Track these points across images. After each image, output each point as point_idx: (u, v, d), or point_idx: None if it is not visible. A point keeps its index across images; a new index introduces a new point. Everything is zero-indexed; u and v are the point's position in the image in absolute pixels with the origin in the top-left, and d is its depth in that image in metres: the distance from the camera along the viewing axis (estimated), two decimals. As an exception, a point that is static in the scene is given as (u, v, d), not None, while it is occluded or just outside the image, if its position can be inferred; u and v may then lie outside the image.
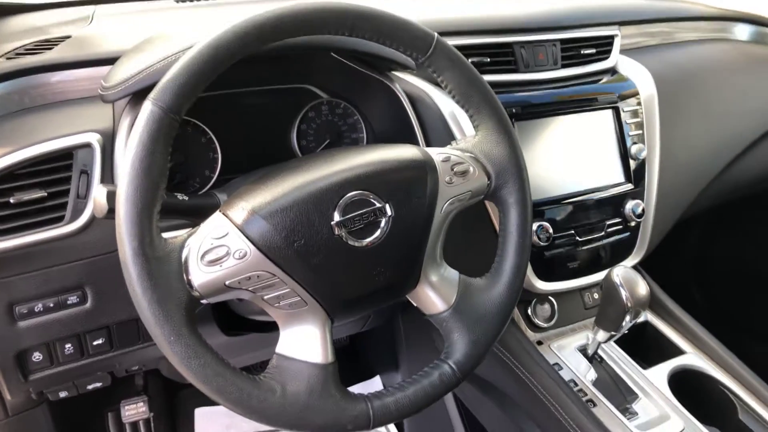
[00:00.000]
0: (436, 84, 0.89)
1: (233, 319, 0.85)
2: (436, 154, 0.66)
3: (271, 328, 0.86)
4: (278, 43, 0.59)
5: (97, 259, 0.70)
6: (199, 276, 0.55)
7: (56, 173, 0.68)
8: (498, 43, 0.93)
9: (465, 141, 0.71)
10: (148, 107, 0.53)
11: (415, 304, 0.68)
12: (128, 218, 0.52)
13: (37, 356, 0.71)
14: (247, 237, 0.56)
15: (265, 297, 0.58)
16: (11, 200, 0.65)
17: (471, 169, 0.66)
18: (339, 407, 0.59)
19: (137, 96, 0.70)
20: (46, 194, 0.67)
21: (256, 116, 0.89)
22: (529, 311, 0.96)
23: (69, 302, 0.70)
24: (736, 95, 1.24)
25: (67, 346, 0.72)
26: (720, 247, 1.68)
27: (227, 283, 0.55)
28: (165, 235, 0.55)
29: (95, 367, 0.79)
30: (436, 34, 0.65)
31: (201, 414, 1.36)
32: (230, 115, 0.86)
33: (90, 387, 0.85)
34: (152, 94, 0.54)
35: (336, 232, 0.58)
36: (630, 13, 1.18)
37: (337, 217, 0.58)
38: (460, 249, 0.72)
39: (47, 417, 1.02)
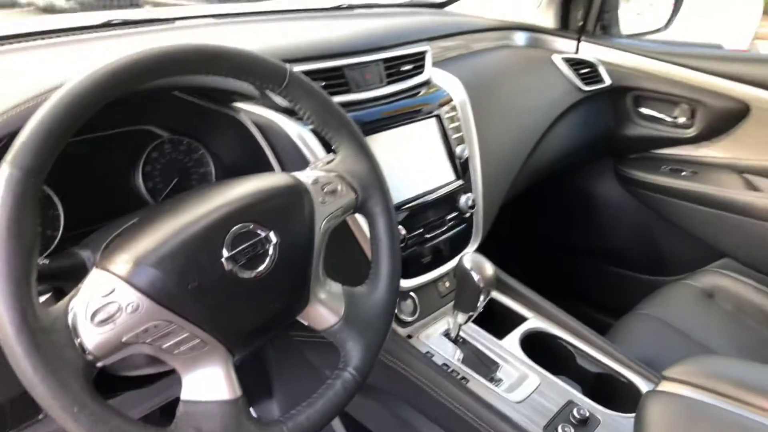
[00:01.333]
0: (281, 111, 0.92)
1: (102, 380, 0.80)
2: (305, 177, 0.70)
3: (144, 381, 0.83)
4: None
5: None
6: (92, 338, 0.52)
7: None
8: (330, 68, 0.99)
9: (326, 162, 0.75)
10: (6, 171, 0.50)
11: (306, 324, 0.71)
12: (4, 292, 0.48)
13: None
14: (136, 288, 0.55)
15: (164, 346, 0.57)
16: None
17: (339, 187, 0.71)
18: None
19: None
20: None
21: (95, 165, 0.84)
22: (395, 309, 1.03)
23: None
24: (524, 94, 1.45)
25: None
26: (528, 226, 1.94)
27: (124, 339, 0.54)
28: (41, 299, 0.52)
29: None
30: (289, 67, 0.68)
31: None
32: (67, 168, 0.80)
33: None
34: (9, 157, 0.50)
35: (227, 268, 0.59)
36: (432, 30, 1.32)
37: (225, 252, 0.59)
38: (332, 264, 0.76)
39: None
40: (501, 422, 0.87)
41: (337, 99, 0.98)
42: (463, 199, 1.10)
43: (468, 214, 1.12)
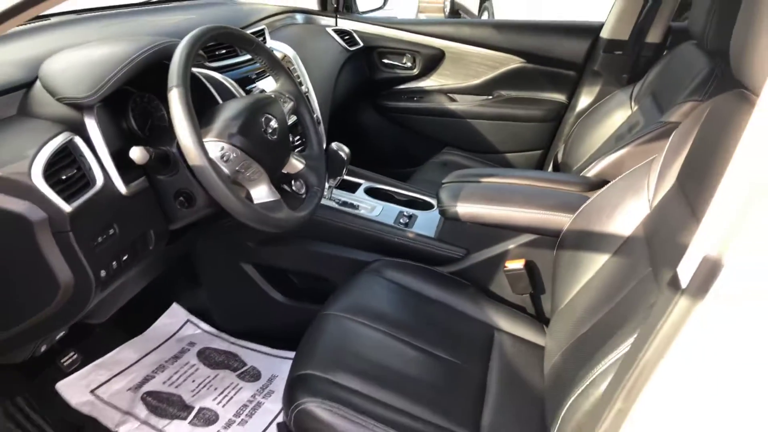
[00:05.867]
0: (211, 69, 1.47)
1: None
2: (270, 93, 1.32)
3: (174, 239, 1.35)
4: None
5: (112, 205, 1.09)
6: (227, 168, 1.11)
7: (68, 159, 1.03)
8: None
9: (271, 88, 1.37)
10: (178, 91, 1.04)
11: (286, 172, 1.33)
12: (199, 152, 1.03)
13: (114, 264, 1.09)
14: (234, 146, 1.13)
15: (247, 174, 1.16)
16: (63, 177, 1.00)
17: (284, 99, 1.35)
18: (297, 215, 1.23)
19: None
20: (76, 171, 1.03)
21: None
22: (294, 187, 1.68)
23: (111, 233, 1.08)
24: (319, 54, 2.16)
25: (125, 257, 1.11)
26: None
27: (236, 168, 1.13)
28: None
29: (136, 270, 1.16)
30: (255, 39, 1.29)
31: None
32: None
33: None
34: (175, 81, 1.04)
35: (266, 133, 1.20)
36: (254, 15, 1.94)
37: (263, 126, 1.20)
38: None
39: None
40: (373, 223, 1.61)
41: (232, 60, 1.58)
42: (314, 117, 1.78)
43: (320, 125, 1.81)
